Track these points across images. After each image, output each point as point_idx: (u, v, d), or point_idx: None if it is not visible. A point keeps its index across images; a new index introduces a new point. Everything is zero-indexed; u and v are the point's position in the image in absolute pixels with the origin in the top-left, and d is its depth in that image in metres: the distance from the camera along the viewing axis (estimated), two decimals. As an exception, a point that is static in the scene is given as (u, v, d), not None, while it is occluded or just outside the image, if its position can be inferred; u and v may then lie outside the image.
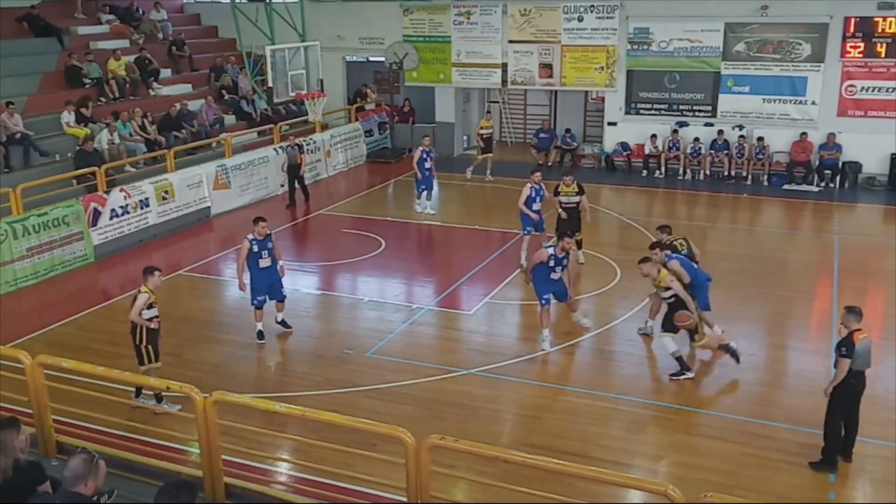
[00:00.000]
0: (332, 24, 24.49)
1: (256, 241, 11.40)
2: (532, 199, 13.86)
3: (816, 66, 20.37)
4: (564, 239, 10.87)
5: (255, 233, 11.42)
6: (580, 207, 13.98)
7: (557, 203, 13.99)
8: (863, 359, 8.04)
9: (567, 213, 13.91)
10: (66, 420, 7.76)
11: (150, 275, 9.40)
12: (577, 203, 13.93)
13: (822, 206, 18.84)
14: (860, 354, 7.98)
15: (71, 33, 21.81)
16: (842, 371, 7.98)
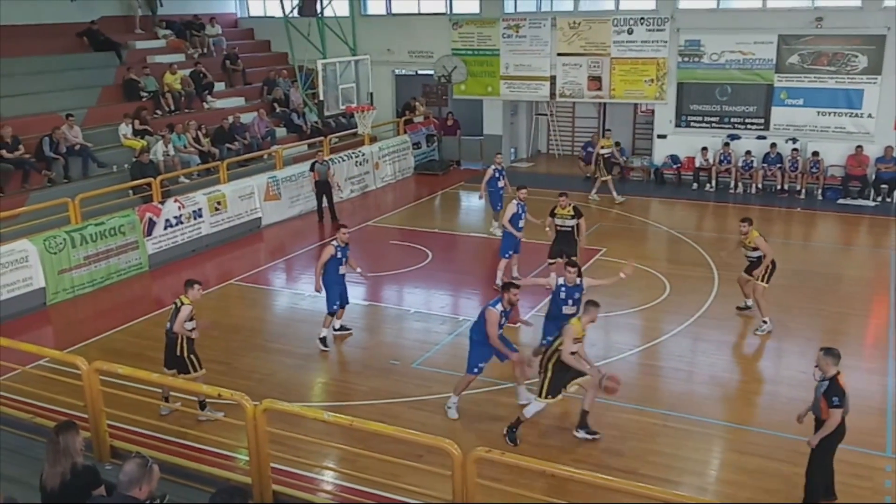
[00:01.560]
0: (382, 37, 24.75)
1: (339, 247, 11.66)
2: (518, 217, 13.52)
3: (873, 78, 19.94)
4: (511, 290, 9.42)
5: (338, 239, 11.72)
6: (577, 233, 13.28)
7: (552, 225, 13.37)
8: (848, 403, 7.44)
9: (561, 236, 13.32)
10: (121, 425, 7.94)
11: (190, 287, 9.55)
12: (572, 227, 13.21)
13: (879, 221, 18.39)
14: (846, 399, 7.39)
15: (129, 48, 22.42)
16: (834, 422, 7.34)
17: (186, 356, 9.48)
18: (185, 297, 9.49)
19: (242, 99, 23.08)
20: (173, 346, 9.47)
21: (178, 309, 9.42)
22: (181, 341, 9.41)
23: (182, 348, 9.44)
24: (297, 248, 16.88)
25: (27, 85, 18.58)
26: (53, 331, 12.88)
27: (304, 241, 17.46)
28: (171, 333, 9.44)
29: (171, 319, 9.44)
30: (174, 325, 9.34)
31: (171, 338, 9.45)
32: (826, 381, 7.41)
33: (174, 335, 9.40)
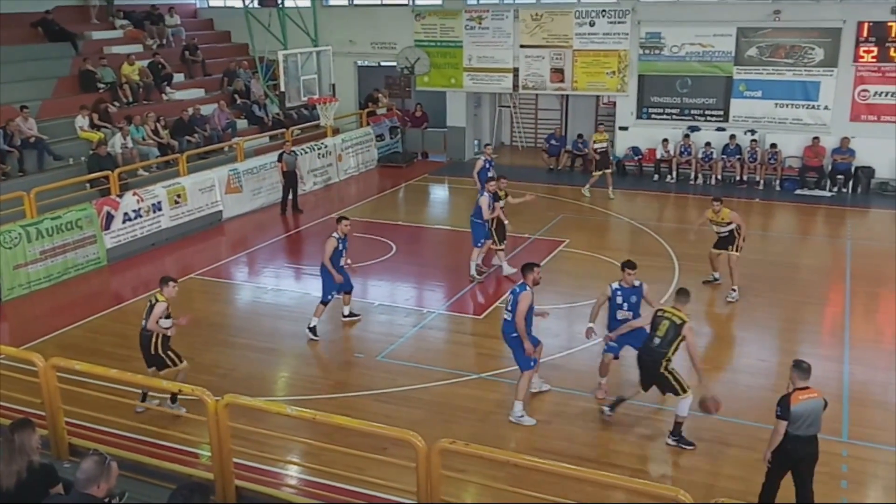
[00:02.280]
0: (344, 29, 24.58)
1: (340, 239, 11.68)
2: (490, 206, 13.79)
3: (829, 70, 20.29)
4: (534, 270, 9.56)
5: (339, 231, 11.74)
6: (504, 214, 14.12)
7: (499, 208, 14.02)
8: (803, 422, 7.04)
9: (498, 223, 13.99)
10: (79, 422, 7.81)
11: (164, 285, 9.44)
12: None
13: (835, 212, 18.76)
14: (799, 417, 7.03)
15: (85, 38, 22.00)
16: (776, 433, 7.13)
17: (162, 353, 9.32)
18: (160, 294, 9.36)
19: (202, 90, 22.79)
20: (147, 343, 9.32)
21: (152, 306, 9.28)
22: (155, 339, 9.27)
23: (156, 346, 9.28)
24: (260, 242, 16.73)
25: (-20, 76, 18.16)
26: (9, 327, 12.60)
27: (267, 234, 17.32)
28: (144, 331, 9.30)
29: (146, 317, 9.29)
30: (148, 323, 9.20)
31: (146, 335, 9.31)
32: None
33: (148, 332, 9.26)
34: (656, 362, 8.75)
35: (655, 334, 8.77)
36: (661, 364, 8.71)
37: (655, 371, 8.80)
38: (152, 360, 9.38)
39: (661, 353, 8.69)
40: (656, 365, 8.76)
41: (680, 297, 9.03)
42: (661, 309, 8.96)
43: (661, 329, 8.73)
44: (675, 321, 8.69)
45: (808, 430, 7.10)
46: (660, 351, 8.70)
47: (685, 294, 9.04)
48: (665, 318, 8.79)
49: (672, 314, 8.77)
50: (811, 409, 7.07)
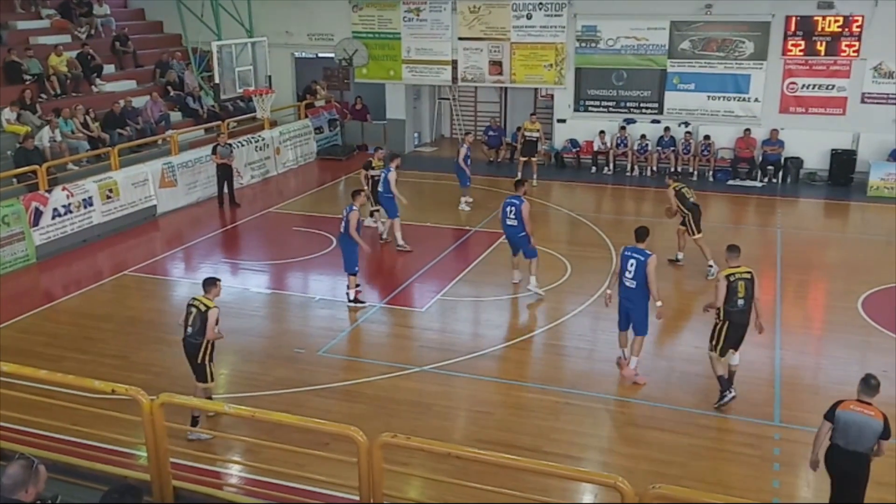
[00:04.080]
0: (280, 19, 24.22)
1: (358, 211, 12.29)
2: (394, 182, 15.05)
3: (759, 63, 20.81)
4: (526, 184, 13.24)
5: (358, 203, 12.38)
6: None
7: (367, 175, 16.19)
8: (849, 434, 6.78)
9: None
10: (7, 425, 7.55)
11: (213, 286, 8.89)
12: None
13: (766, 201, 19.28)
14: (845, 425, 6.79)
15: (10, 28, 21.23)
16: (818, 434, 7.00)
17: (208, 363, 8.83)
18: (206, 298, 8.78)
19: (134, 82, 22.22)
20: (196, 352, 8.76)
21: (202, 313, 8.68)
22: (206, 347, 8.75)
23: (204, 355, 8.78)
24: (196, 237, 16.41)
25: None
26: (-68, 328, 12.13)
27: (203, 228, 16.99)
28: (193, 339, 8.75)
29: (193, 324, 8.73)
30: (207, 333, 8.64)
31: (194, 343, 8.75)
32: None
33: (197, 341, 8.71)
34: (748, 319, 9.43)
35: (738, 297, 9.27)
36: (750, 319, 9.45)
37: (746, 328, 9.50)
38: (196, 369, 8.84)
39: (749, 309, 9.39)
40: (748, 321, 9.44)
41: (732, 252, 9.59)
42: (732, 273, 9.34)
43: (742, 290, 9.29)
44: (747, 277, 9.34)
45: (854, 445, 6.80)
46: (748, 308, 9.38)
47: (737, 249, 9.63)
48: (740, 279, 9.29)
49: (740, 273, 9.33)
50: (861, 423, 6.75)
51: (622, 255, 10.08)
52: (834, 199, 19.25)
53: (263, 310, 12.92)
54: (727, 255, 9.65)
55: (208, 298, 8.83)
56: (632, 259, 9.92)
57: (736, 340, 9.52)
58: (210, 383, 8.95)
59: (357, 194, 12.71)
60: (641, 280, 9.82)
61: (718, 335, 9.45)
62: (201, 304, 8.77)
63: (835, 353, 11.10)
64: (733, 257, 9.56)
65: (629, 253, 9.99)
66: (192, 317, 8.79)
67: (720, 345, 9.45)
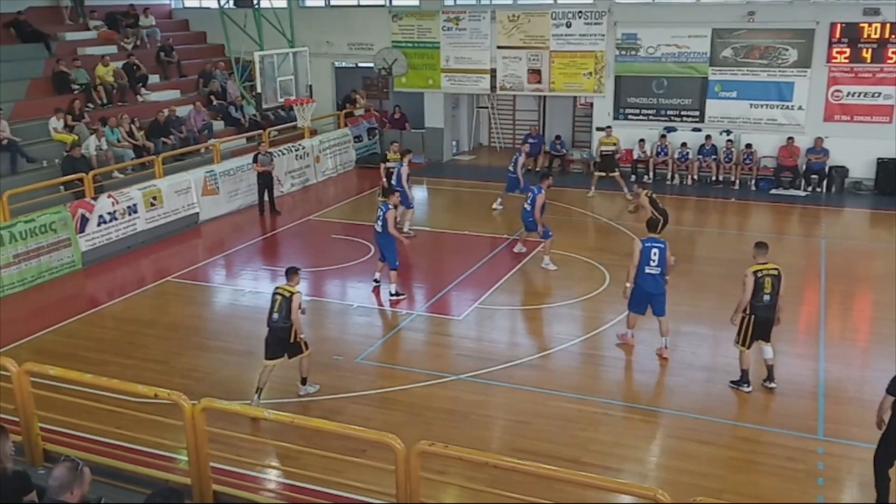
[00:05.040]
0: (321, 29, 24.50)
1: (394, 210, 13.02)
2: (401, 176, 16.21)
3: (803, 71, 20.50)
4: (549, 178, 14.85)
5: (392, 202, 13.04)
6: None
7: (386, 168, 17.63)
8: None
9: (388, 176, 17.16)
10: (53, 428, 7.71)
11: (295, 274, 9.79)
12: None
13: (810, 211, 18.95)
14: None
15: (58, 39, 21.75)
16: (882, 406, 7.25)
17: (299, 339, 9.68)
18: (289, 286, 9.64)
19: (178, 91, 22.61)
20: (286, 335, 9.60)
21: (286, 299, 9.52)
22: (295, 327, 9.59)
23: (295, 334, 9.61)
24: (237, 244, 16.62)
25: (-49, 77, 17.91)
26: (-18, 332, 12.44)
27: (244, 236, 17.21)
28: (282, 323, 9.56)
29: (279, 311, 9.54)
30: (291, 314, 9.48)
31: (284, 328, 9.57)
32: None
33: (287, 324, 9.53)
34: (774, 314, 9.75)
35: (765, 292, 9.60)
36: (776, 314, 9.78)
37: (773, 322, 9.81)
38: (291, 348, 9.66)
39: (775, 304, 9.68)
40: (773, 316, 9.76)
41: (760, 249, 9.84)
42: (759, 269, 9.64)
43: (769, 286, 9.60)
44: (774, 273, 9.64)
45: None
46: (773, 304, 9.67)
47: (765, 246, 9.90)
48: (767, 275, 9.60)
49: (767, 270, 9.64)
50: None
51: (644, 248, 10.67)
52: (880, 208, 18.86)
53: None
54: (755, 251, 9.92)
55: (291, 286, 9.66)
56: (654, 248, 10.65)
57: (762, 333, 9.84)
58: (306, 351, 9.78)
59: (392, 193, 13.44)
60: (663, 266, 10.66)
61: (745, 330, 9.80)
62: (285, 292, 9.61)
63: (881, 366, 10.81)
64: (761, 254, 9.84)
65: (650, 244, 10.69)
66: (277, 304, 9.60)
67: (747, 339, 9.82)
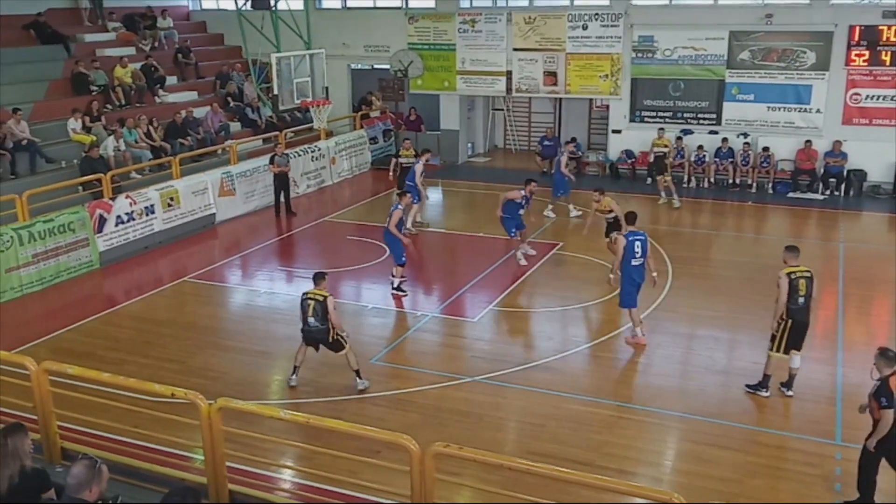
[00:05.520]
0: (338, 32, 24.58)
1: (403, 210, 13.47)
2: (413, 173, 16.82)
3: (821, 74, 20.37)
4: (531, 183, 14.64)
5: (403, 203, 13.55)
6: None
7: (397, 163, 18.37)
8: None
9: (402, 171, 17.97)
10: (71, 426, 7.77)
11: (323, 280, 10.15)
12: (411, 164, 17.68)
13: (827, 215, 18.81)
14: None
15: (77, 41, 21.93)
16: (886, 424, 7.15)
17: (339, 336, 10.06)
18: (320, 290, 9.99)
19: (195, 93, 22.74)
20: (325, 336, 9.99)
21: (320, 303, 9.85)
22: (333, 329, 9.95)
23: (334, 333, 9.99)
24: (253, 245, 16.69)
25: (-28, 78, 18.09)
26: (1, 331, 12.51)
27: (260, 237, 17.28)
28: (319, 325, 9.91)
29: (315, 315, 9.88)
30: (332, 318, 9.87)
31: (322, 329, 9.93)
32: (879, 381, 7.32)
33: (325, 326, 9.90)
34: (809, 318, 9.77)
35: (799, 294, 9.53)
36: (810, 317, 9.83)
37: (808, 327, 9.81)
38: (331, 346, 10.08)
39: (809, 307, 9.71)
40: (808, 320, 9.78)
41: (792, 252, 9.80)
42: (792, 271, 9.58)
43: (803, 288, 9.54)
44: (807, 275, 9.58)
45: None
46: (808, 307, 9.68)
47: (796, 249, 9.87)
48: (801, 277, 9.56)
49: (800, 272, 9.58)
50: None
51: (628, 242, 11.13)
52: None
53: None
54: (786, 254, 9.84)
55: (320, 290, 10.01)
56: (637, 241, 11.16)
57: (798, 340, 9.70)
58: (347, 346, 10.15)
59: (403, 194, 13.70)
60: (646, 256, 11.22)
61: (782, 335, 9.64)
62: (318, 296, 9.95)
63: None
64: (793, 256, 9.78)
65: (633, 237, 11.20)
66: (311, 308, 9.94)
67: (783, 344, 9.70)
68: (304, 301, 10.03)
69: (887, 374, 7.26)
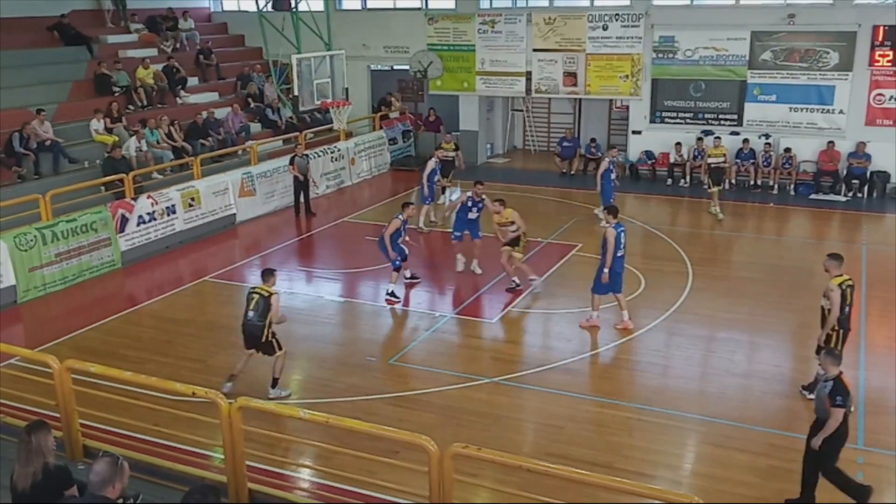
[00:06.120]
0: (358, 33, 24.65)
1: (405, 221, 13.39)
2: (434, 173, 17.26)
3: (844, 74, 20.17)
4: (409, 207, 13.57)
5: (405, 214, 13.41)
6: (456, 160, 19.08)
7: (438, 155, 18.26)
8: (850, 402, 7.42)
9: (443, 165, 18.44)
10: (93, 424, 7.85)
11: (272, 276, 10.06)
12: (453, 157, 19.06)
13: (850, 217, 18.63)
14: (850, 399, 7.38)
15: (100, 42, 22.15)
16: (836, 421, 7.27)
17: (272, 338, 9.96)
18: (267, 286, 9.88)
19: (216, 94, 22.90)
20: (260, 333, 9.87)
21: (265, 298, 9.76)
22: (270, 327, 9.87)
23: (268, 333, 9.89)
24: (273, 245, 16.78)
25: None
26: (24, 329, 12.69)
27: (280, 237, 17.36)
28: (257, 321, 9.81)
29: (255, 309, 9.79)
30: (272, 315, 9.77)
31: (259, 325, 9.83)
32: (830, 381, 7.36)
33: (260, 323, 9.80)
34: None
35: (847, 304, 9.48)
36: None
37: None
38: (263, 346, 9.97)
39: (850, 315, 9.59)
40: None
41: (837, 260, 9.61)
42: (843, 281, 9.46)
43: (850, 297, 9.50)
44: (851, 284, 9.50)
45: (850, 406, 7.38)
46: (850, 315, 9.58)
47: (840, 257, 9.68)
48: (849, 286, 9.46)
49: (847, 281, 9.49)
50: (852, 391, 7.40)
51: (618, 233, 11.56)
52: (923, 214, 18.48)
53: (336, 317, 13.11)
54: (830, 263, 9.63)
55: (268, 286, 9.91)
56: (622, 232, 11.70)
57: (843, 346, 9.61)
58: (280, 351, 10.01)
59: (406, 206, 13.55)
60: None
61: (835, 345, 9.44)
62: (263, 292, 9.85)
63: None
64: (837, 265, 9.59)
65: (620, 228, 11.67)
66: (254, 302, 9.85)
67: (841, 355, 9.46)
68: (249, 294, 10.02)
69: (836, 374, 7.37)
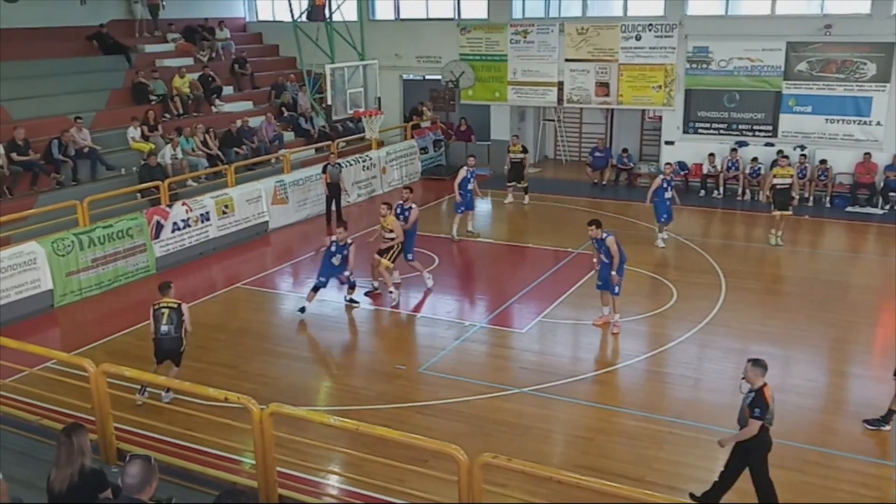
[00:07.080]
0: (390, 42, 24.81)
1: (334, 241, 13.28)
2: (467, 181, 17.30)
3: (882, 85, 19.89)
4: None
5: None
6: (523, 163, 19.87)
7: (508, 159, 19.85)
8: (773, 414, 7.47)
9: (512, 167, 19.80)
10: (127, 427, 7.95)
11: (168, 288, 10.04)
12: (521, 159, 19.92)
13: (887, 230, 18.31)
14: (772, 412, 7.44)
15: (138, 51, 22.54)
16: (750, 431, 7.34)
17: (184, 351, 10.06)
18: (171, 298, 9.93)
19: (251, 103, 23.16)
20: (179, 345, 9.93)
21: (175, 310, 9.81)
22: (186, 336, 9.97)
23: (185, 343, 9.99)
24: (304, 252, 16.89)
25: (37, 88, 18.72)
26: (61, 333, 12.92)
27: (312, 245, 17.44)
28: (174, 333, 9.82)
29: (170, 322, 9.80)
30: (187, 324, 9.88)
31: (177, 338, 9.86)
32: (753, 392, 7.37)
33: (179, 334, 9.83)
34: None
35: None
36: None
37: None
38: (179, 357, 10.02)
39: None
40: None
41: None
42: None
43: None
44: None
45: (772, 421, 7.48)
46: None
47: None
48: None
49: None
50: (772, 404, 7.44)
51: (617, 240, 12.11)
52: (963, 228, 18.11)
53: (366, 325, 13.16)
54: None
55: (172, 298, 9.93)
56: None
57: None
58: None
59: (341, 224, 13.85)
60: None
61: None
62: (172, 303, 9.87)
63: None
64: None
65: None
66: (165, 316, 9.85)
67: None
68: (156, 311, 9.91)
69: (760, 385, 7.32)
